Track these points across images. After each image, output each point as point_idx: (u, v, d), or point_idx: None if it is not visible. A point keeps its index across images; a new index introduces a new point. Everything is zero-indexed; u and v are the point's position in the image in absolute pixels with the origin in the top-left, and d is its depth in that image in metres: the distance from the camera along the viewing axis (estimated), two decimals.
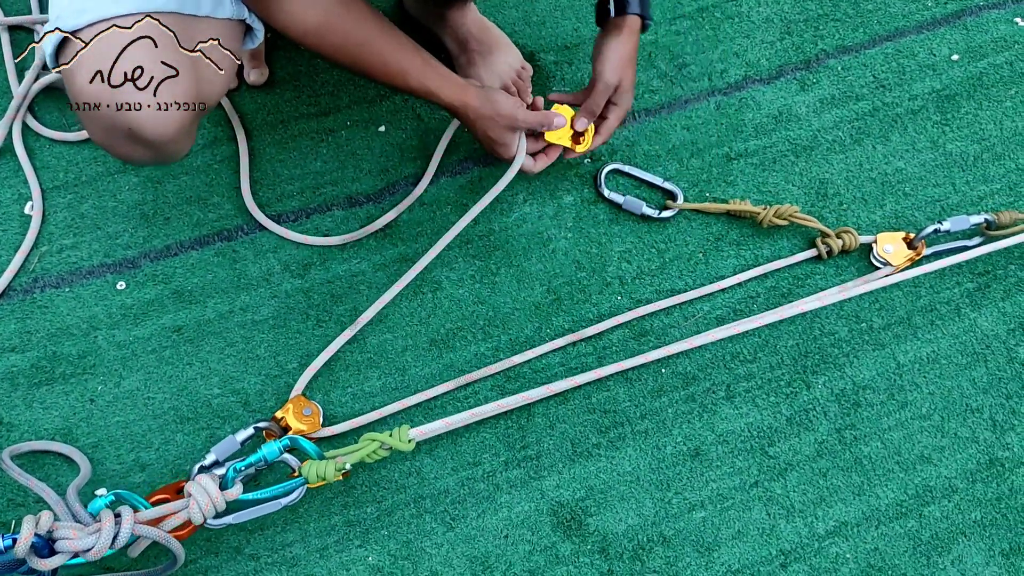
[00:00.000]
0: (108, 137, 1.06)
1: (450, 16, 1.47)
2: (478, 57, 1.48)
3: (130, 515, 1.03)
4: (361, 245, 1.39)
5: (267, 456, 1.10)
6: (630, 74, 1.32)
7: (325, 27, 1.10)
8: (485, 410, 1.20)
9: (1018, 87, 1.59)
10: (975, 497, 1.30)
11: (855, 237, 1.38)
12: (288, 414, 1.23)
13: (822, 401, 1.34)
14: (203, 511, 1.06)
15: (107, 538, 1.01)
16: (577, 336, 1.34)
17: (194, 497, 1.06)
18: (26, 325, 1.31)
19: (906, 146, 1.52)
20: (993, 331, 1.40)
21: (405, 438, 1.14)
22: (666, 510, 1.27)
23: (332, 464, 1.10)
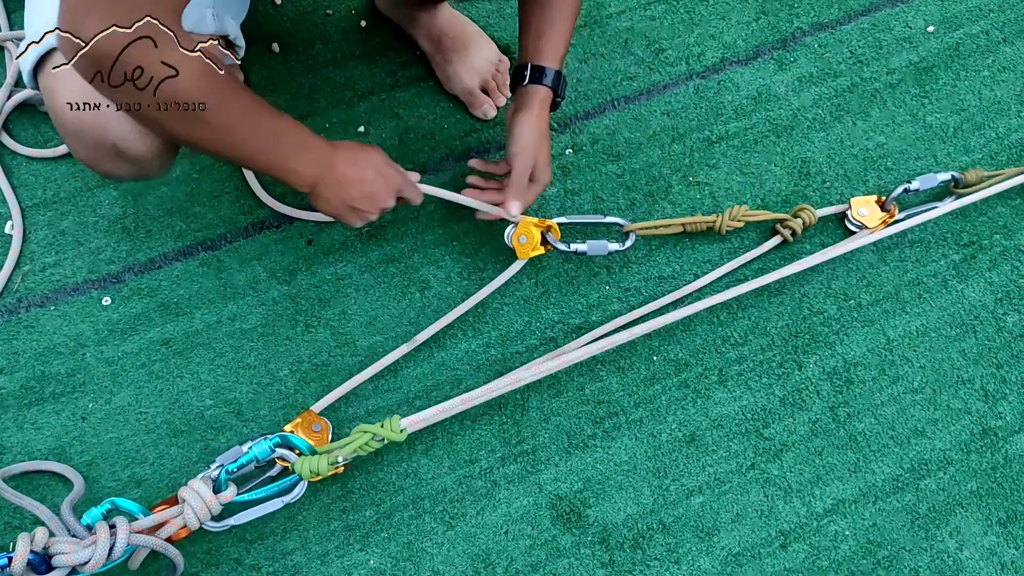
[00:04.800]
0: (93, 154, 1.06)
1: (421, 16, 1.46)
2: (453, 55, 1.47)
3: (125, 525, 1.03)
4: (346, 247, 1.39)
5: (258, 455, 1.10)
6: (545, 149, 1.27)
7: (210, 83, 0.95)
8: (476, 395, 1.20)
9: (995, 56, 1.59)
10: (970, 468, 1.31)
11: (812, 213, 1.38)
12: (297, 428, 1.22)
13: (814, 380, 1.35)
14: (198, 515, 1.06)
15: (103, 549, 1.01)
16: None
17: (188, 502, 1.06)
18: (12, 346, 1.30)
19: (886, 121, 1.52)
20: (981, 301, 1.41)
21: (396, 428, 1.14)
22: (664, 497, 1.27)
23: (325, 458, 1.10)
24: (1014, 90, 1.56)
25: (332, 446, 1.13)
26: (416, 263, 1.38)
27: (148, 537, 1.05)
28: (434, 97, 1.49)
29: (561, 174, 1.45)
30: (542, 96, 1.25)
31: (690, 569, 1.23)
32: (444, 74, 1.48)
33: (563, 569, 1.23)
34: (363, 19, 1.54)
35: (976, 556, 1.26)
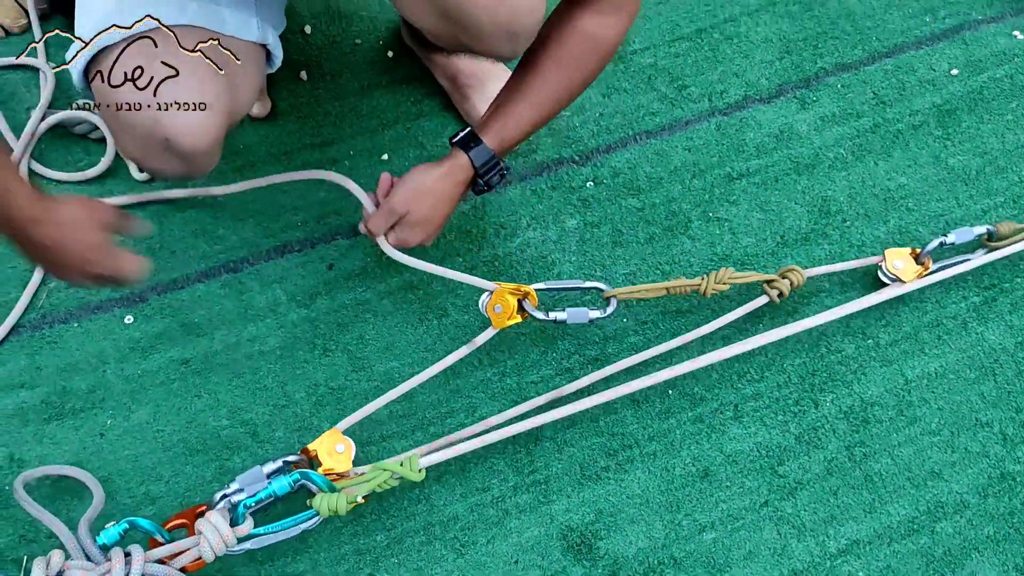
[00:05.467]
0: (143, 148, 1.10)
1: (436, 57, 1.48)
2: (470, 91, 1.49)
3: (141, 556, 1.04)
4: (367, 273, 1.40)
5: (277, 491, 1.10)
6: (424, 207, 1.21)
7: None
8: (493, 436, 1.20)
9: (1019, 100, 1.59)
10: (987, 512, 1.29)
11: (801, 274, 1.33)
12: (321, 448, 1.20)
13: (830, 419, 1.34)
14: (214, 549, 1.06)
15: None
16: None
17: (205, 535, 1.06)
18: (35, 361, 1.32)
19: (908, 161, 1.52)
20: (1001, 344, 1.40)
21: (416, 467, 1.14)
22: (676, 532, 1.27)
23: (344, 497, 1.10)
24: None
25: (351, 482, 1.14)
26: (435, 291, 1.39)
27: (163, 568, 1.06)
28: (457, 128, 1.51)
29: (582, 206, 1.46)
30: (460, 163, 1.20)
31: None
32: (463, 109, 1.50)
33: None
34: (390, 50, 1.56)
35: None
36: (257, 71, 1.22)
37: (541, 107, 1.19)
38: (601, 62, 1.20)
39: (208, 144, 1.10)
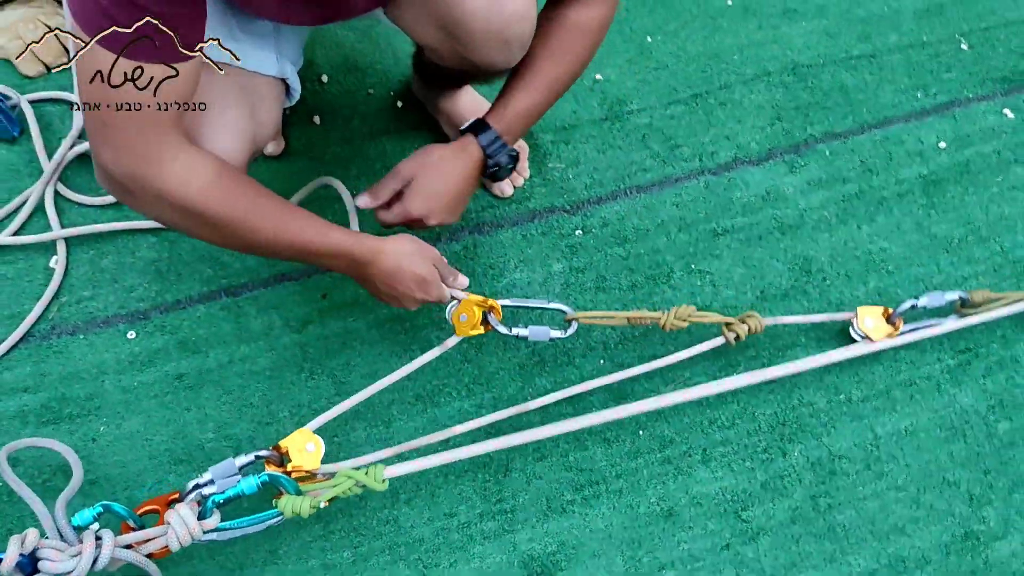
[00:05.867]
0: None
1: (442, 102, 1.57)
2: None
3: (111, 540, 1.09)
4: (358, 304, 1.47)
5: (245, 490, 1.15)
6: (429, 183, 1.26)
7: (210, 191, 1.06)
8: (459, 453, 1.25)
9: (1005, 174, 1.63)
10: (949, 570, 1.30)
11: (759, 321, 1.37)
12: (292, 445, 1.24)
13: (798, 468, 1.36)
14: (180, 540, 1.11)
15: (87, 561, 1.07)
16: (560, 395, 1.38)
17: (173, 527, 1.11)
18: (40, 368, 1.40)
19: (891, 227, 1.57)
20: (974, 407, 1.42)
21: (379, 477, 1.18)
22: (636, 568, 1.29)
23: (307, 500, 1.15)
24: (1022, 208, 1.60)
25: (315, 486, 1.19)
26: (421, 323, 1.45)
27: (131, 552, 1.11)
28: None
29: (569, 252, 1.52)
30: (467, 143, 1.27)
31: None
32: None
33: None
34: (400, 100, 1.66)
35: None
36: (276, 103, 1.31)
37: (539, 94, 1.26)
38: (590, 49, 1.27)
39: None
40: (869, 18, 1.80)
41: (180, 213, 1.07)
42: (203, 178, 1.05)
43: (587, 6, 1.23)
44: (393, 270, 1.22)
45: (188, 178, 1.04)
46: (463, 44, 1.18)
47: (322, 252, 1.17)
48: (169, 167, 1.03)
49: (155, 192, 1.04)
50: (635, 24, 1.77)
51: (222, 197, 1.07)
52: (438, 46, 1.22)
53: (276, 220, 1.13)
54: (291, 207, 1.16)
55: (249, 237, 1.12)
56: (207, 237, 1.12)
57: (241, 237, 1.12)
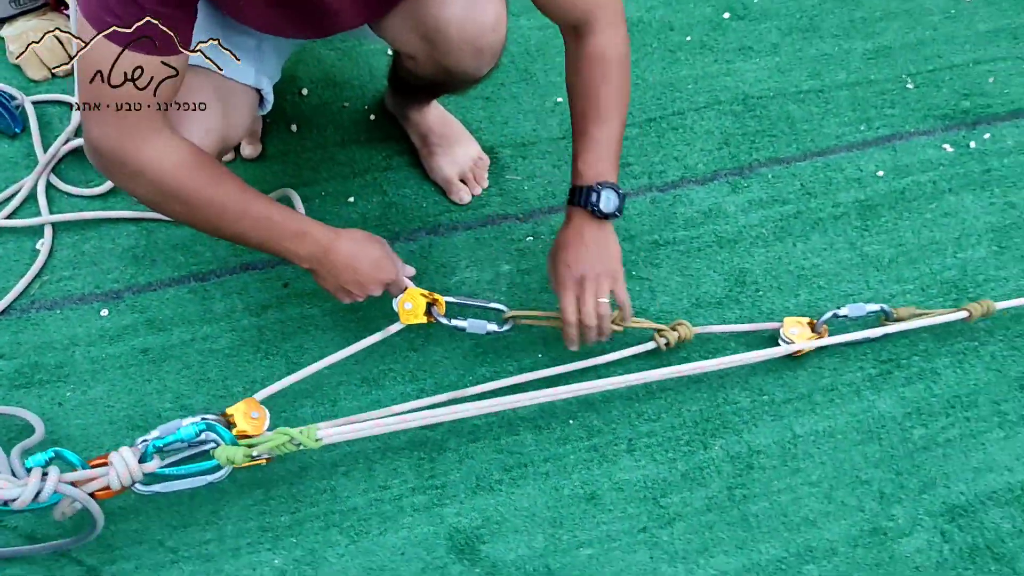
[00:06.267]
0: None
1: (412, 114, 1.69)
2: (438, 148, 1.68)
3: (56, 475, 1.19)
4: (317, 294, 1.57)
5: (184, 437, 1.25)
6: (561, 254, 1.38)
7: (183, 170, 1.18)
8: (391, 421, 1.33)
9: (939, 202, 1.72)
10: (855, 561, 1.36)
11: (689, 329, 1.46)
12: (238, 412, 1.33)
13: (717, 461, 1.44)
14: (120, 478, 1.20)
15: (31, 491, 1.16)
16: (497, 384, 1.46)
17: (114, 465, 1.21)
18: (17, 338, 1.51)
19: (824, 245, 1.66)
20: (891, 413, 1.49)
21: (313, 436, 1.27)
22: (556, 545, 1.36)
23: (241, 450, 1.24)
24: (953, 234, 1.69)
25: (251, 441, 1.28)
26: (373, 314, 1.55)
27: (73, 489, 1.20)
28: (419, 181, 1.71)
29: (518, 255, 1.63)
30: (574, 212, 1.39)
31: None
32: (428, 164, 1.70)
33: None
34: (372, 113, 1.78)
35: None
36: (249, 110, 1.43)
37: (603, 132, 1.37)
38: (621, 69, 1.38)
39: None
40: (820, 57, 1.92)
41: (155, 190, 1.19)
42: (178, 158, 1.18)
43: (598, 34, 1.35)
44: (354, 251, 1.34)
45: (164, 157, 1.17)
46: (441, 51, 1.33)
47: (285, 233, 1.28)
48: (148, 146, 1.16)
49: (134, 168, 1.16)
50: None
51: (194, 177, 1.20)
52: (417, 54, 1.36)
53: (244, 202, 1.25)
54: (258, 193, 1.27)
55: (217, 217, 1.24)
56: (179, 214, 1.25)
57: (209, 217, 1.24)
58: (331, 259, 1.32)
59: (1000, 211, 1.72)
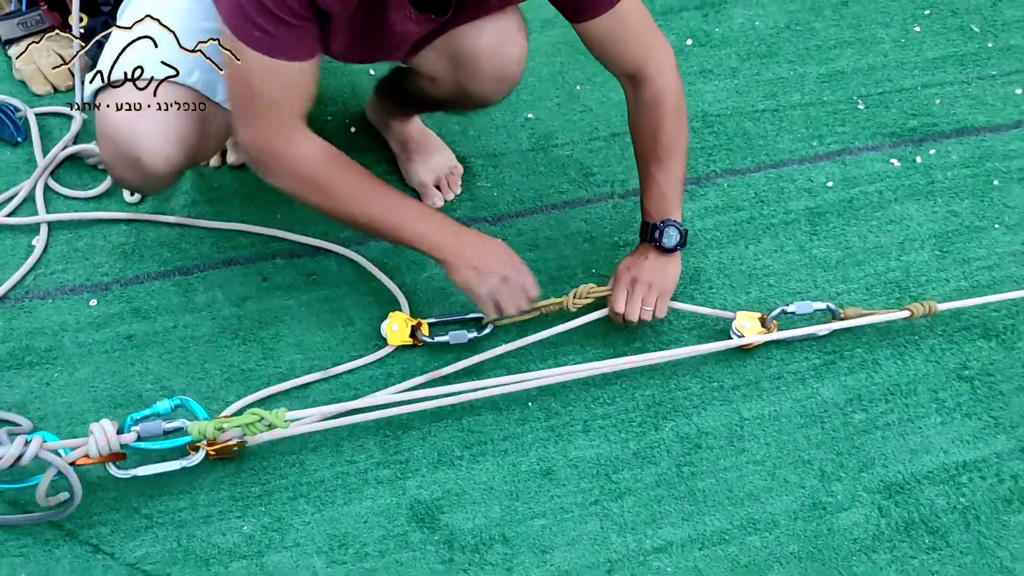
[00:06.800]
0: (118, 158, 1.40)
1: (394, 124, 1.81)
2: (416, 156, 1.80)
3: (38, 441, 1.27)
4: (294, 287, 1.67)
5: (160, 410, 1.33)
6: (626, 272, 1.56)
7: (326, 164, 1.37)
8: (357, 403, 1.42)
9: (884, 211, 1.83)
10: (795, 532, 1.43)
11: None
12: None
13: (667, 441, 1.52)
14: (99, 446, 1.29)
15: (14, 452, 1.25)
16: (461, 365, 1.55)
17: (94, 434, 1.29)
18: (10, 324, 1.60)
19: (775, 248, 1.76)
20: (833, 399, 1.57)
21: (282, 417, 1.35)
22: (511, 516, 1.43)
23: (212, 425, 1.33)
24: (897, 239, 1.78)
25: (222, 419, 1.36)
26: (346, 305, 1.64)
27: (53, 456, 1.28)
28: (398, 184, 1.81)
29: None
30: (644, 245, 1.58)
31: None
32: (406, 170, 1.81)
33: (407, 559, 1.39)
34: (353, 126, 1.90)
35: None
36: (225, 127, 1.53)
37: (663, 174, 1.55)
38: (677, 113, 1.54)
39: (169, 170, 1.41)
40: (776, 80, 2.04)
41: (301, 180, 1.37)
42: (317, 153, 1.37)
43: (652, 81, 1.50)
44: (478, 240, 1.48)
45: (307, 152, 1.35)
46: (468, 77, 1.48)
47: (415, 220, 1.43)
48: (293, 144, 1.34)
49: (282, 162, 1.35)
50: (567, 76, 2.02)
51: (335, 169, 1.39)
52: (442, 76, 1.51)
53: (374, 192, 1.41)
54: (387, 185, 1.43)
55: (351, 204, 1.40)
56: (320, 203, 1.40)
57: (345, 204, 1.40)
58: (462, 240, 1.45)
59: (943, 219, 1.82)
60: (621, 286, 1.56)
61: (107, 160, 1.45)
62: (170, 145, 1.39)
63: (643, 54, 1.49)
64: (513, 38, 1.47)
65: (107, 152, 1.43)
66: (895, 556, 1.41)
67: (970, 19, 2.21)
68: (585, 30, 1.45)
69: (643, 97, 1.52)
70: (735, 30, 2.13)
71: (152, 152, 1.38)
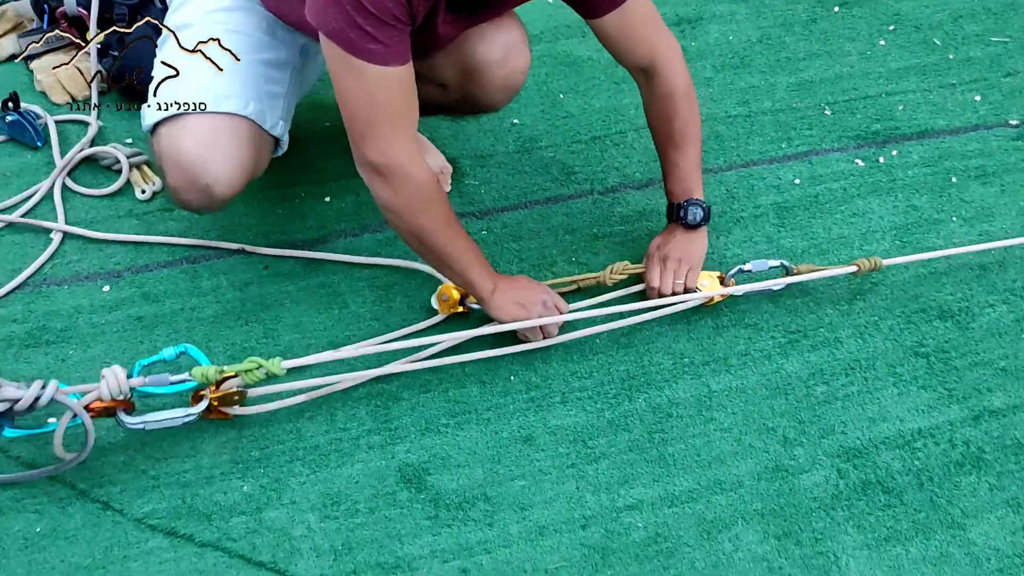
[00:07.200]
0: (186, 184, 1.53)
1: None
2: None
3: (54, 385, 1.39)
4: (293, 274, 1.79)
5: (165, 357, 1.45)
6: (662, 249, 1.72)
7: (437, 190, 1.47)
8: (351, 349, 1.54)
9: (848, 205, 1.95)
10: (759, 492, 1.53)
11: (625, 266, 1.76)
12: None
13: (640, 411, 1.62)
14: (110, 389, 1.40)
15: (32, 393, 1.36)
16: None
17: (105, 378, 1.41)
18: (29, 307, 1.72)
19: (744, 239, 1.88)
20: (796, 374, 1.68)
21: (279, 365, 1.47)
22: (493, 477, 1.54)
23: (214, 368, 1.44)
24: (859, 231, 1.90)
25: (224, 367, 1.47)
26: (342, 289, 1.76)
27: (68, 399, 1.40)
28: None
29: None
30: (671, 222, 1.76)
31: (500, 532, 1.47)
32: None
33: (395, 515, 1.49)
34: None
35: (748, 559, 1.45)
36: (270, 152, 1.67)
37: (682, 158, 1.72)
38: (687, 100, 1.69)
39: (232, 194, 1.57)
40: (749, 89, 2.17)
41: (416, 194, 1.45)
42: (432, 179, 1.47)
43: (661, 75, 1.65)
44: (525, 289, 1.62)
45: (426, 175, 1.45)
46: (476, 86, 1.66)
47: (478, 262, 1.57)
48: (415, 163, 1.44)
49: (406, 180, 1.43)
50: (551, 85, 2.16)
51: (440, 197, 1.50)
52: (451, 83, 1.66)
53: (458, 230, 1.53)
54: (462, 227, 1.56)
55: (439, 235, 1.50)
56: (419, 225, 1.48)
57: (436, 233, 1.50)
58: (500, 286, 1.59)
59: (903, 212, 1.94)
60: (654, 263, 1.72)
61: (174, 185, 1.55)
62: (235, 172, 1.54)
63: (652, 48, 1.64)
64: (519, 50, 1.65)
65: (175, 178, 1.54)
66: (852, 513, 1.50)
67: (932, 34, 2.35)
68: (598, 26, 1.60)
69: (656, 89, 1.67)
70: (710, 44, 2.28)
71: (221, 180, 1.53)
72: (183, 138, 1.51)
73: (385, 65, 1.36)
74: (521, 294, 1.61)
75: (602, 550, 1.46)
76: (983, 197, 1.98)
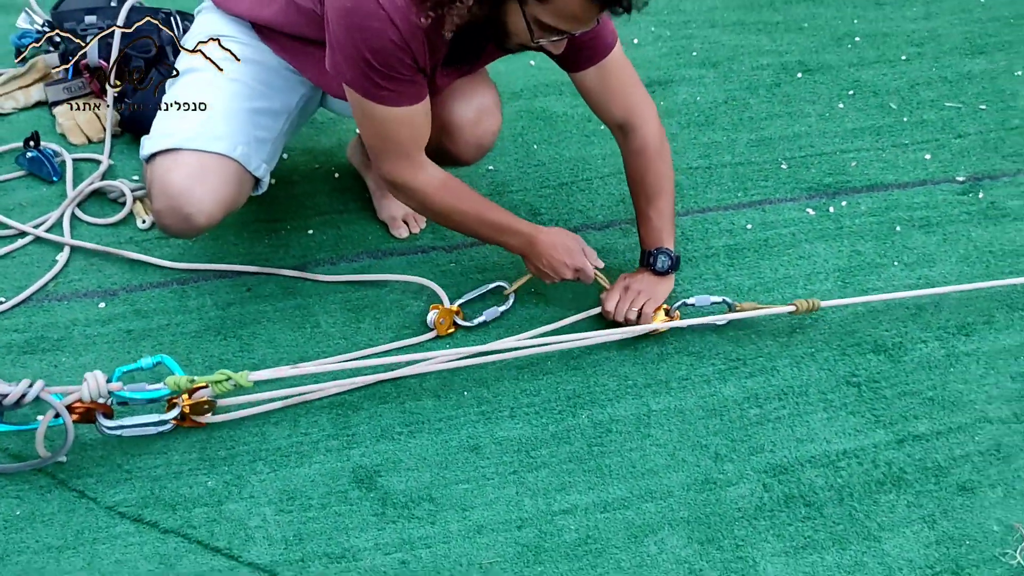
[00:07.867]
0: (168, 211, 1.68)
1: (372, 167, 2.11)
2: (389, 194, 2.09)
3: (40, 384, 1.53)
4: (272, 296, 1.94)
5: (142, 365, 1.59)
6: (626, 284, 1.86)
7: (443, 189, 1.71)
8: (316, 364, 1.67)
9: (796, 249, 2.07)
10: (687, 501, 1.63)
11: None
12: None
13: (582, 426, 1.73)
14: (90, 391, 1.54)
15: (19, 391, 1.51)
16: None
17: (86, 381, 1.55)
18: (30, 320, 1.89)
19: (695, 276, 2.00)
20: (733, 397, 1.78)
21: (247, 378, 1.61)
22: (439, 481, 1.65)
23: (185, 378, 1.58)
24: (804, 272, 2.02)
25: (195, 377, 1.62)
26: (315, 310, 1.91)
27: (52, 399, 1.54)
28: (367, 222, 2.11)
29: (440, 274, 1.99)
30: (643, 267, 1.89)
31: (441, 529, 1.58)
32: (379, 204, 2.10)
33: (345, 511, 1.60)
34: (336, 172, 2.21)
35: (671, 561, 1.54)
36: (250, 190, 1.83)
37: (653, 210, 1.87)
38: (660, 156, 1.86)
39: (210, 223, 1.72)
40: (711, 144, 2.33)
41: (424, 204, 1.74)
42: (437, 183, 1.72)
43: (637, 131, 1.84)
44: (553, 242, 1.80)
45: (429, 183, 1.71)
46: (452, 141, 1.84)
47: (509, 230, 1.78)
48: (422, 176, 1.70)
49: (414, 192, 1.71)
50: (527, 136, 2.33)
51: (449, 193, 1.73)
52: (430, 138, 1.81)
53: (480, 211, 1.76)
54: (489, 202, 1.79)
55: (461, 223, 1.77)
56: (438, 218, 1.79)
57: (456, 221, 1.77)
58: (535, 249, 1.79)
59: (847, 256, 2.06)
60: (616, 291, 1.86)
61: (159, 210, 1.71)
62: (216, 206, 1.70)
63: (628, 105, 1.82)
64: (492, 114, 1.85)
65: (160, 204, 1.69)
66: (773, 523, 1.60)
67: (889, 99, 2.50)
68: (579, 80, 1.80)
69: (631, 145, 1.85)
70: (679, 103, 2.44)
71: (202, 212, 1.68)
72: (175, 170, 1.67)
73: (396, 106, 1.59)
74: (550, 261, 1.80)
75: (535, 548, 1.56)
76: (925, 244, 2.10)
